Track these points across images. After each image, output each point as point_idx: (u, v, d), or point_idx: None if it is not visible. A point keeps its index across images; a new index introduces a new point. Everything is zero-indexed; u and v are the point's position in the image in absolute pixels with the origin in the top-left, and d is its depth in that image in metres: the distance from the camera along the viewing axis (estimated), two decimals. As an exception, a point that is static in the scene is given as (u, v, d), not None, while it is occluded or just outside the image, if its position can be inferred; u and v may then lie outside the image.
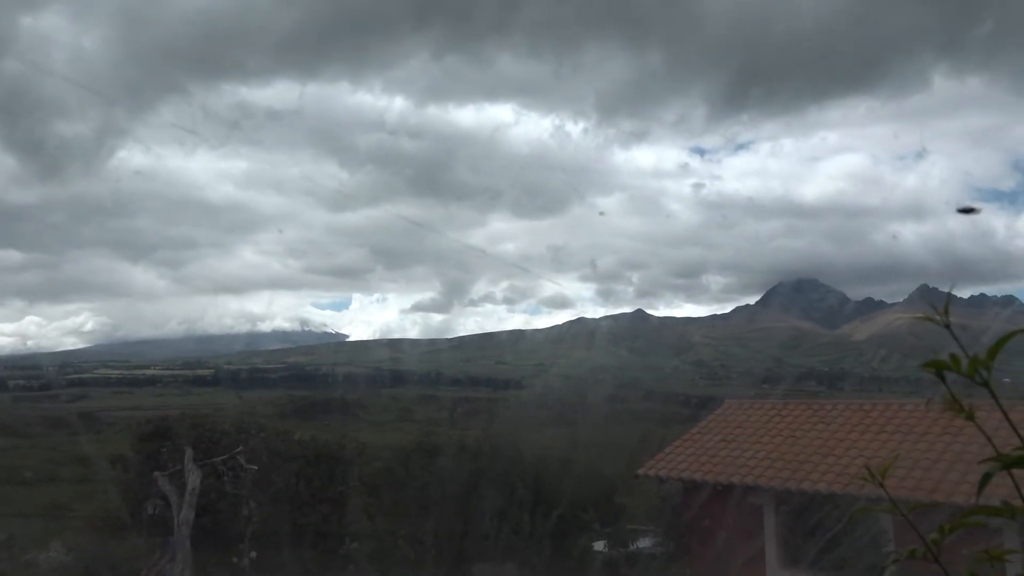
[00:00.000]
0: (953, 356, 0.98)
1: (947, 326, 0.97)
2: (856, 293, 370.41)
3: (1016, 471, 1.01)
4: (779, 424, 15.35)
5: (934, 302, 1.05)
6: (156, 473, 15.91)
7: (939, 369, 0.99)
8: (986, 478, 0.98)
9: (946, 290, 1.00)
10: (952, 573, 1.14)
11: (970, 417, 0.98)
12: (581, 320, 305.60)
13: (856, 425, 14.22)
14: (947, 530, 1.16)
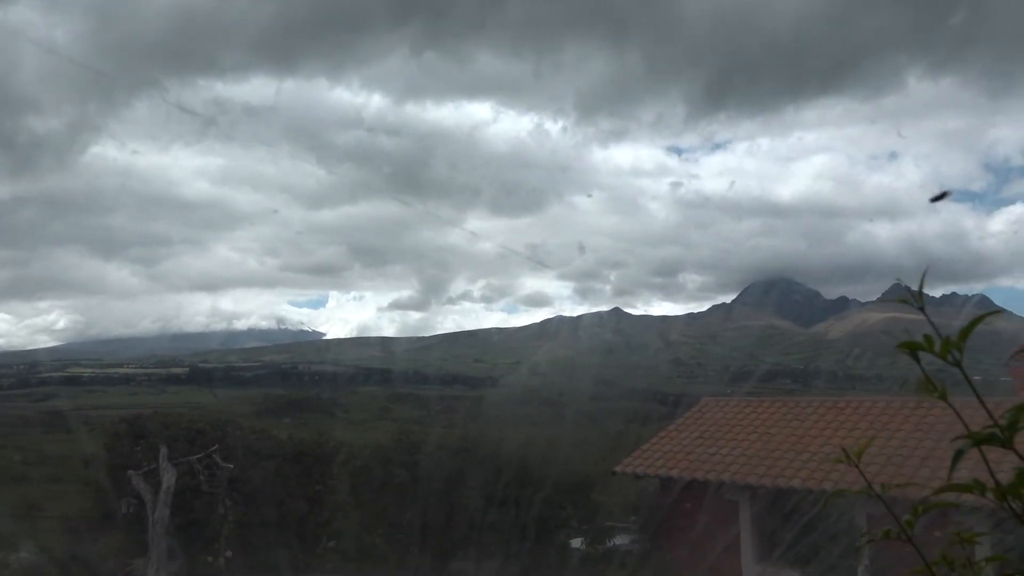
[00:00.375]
0: (927, 337, 1.01)
1: (921, 308, 1.00)
2: (830, 292, 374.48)
3: (988, 452, 1.03)
4: (755, 421, 15.50)
5: (907, 299, 1.07)
6: (130, 472, 15.74)
7: (913, 351, 1.01)
8: (958, 455, 1.01)
9: (920, 304, 1.03)
10: (925, 556, 1.17)
11: (943, 397, 1.01)
12: (559, 318, 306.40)
13: (830, 422, 14.39)
14: (920, 511, 1.19)
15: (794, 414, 15.26)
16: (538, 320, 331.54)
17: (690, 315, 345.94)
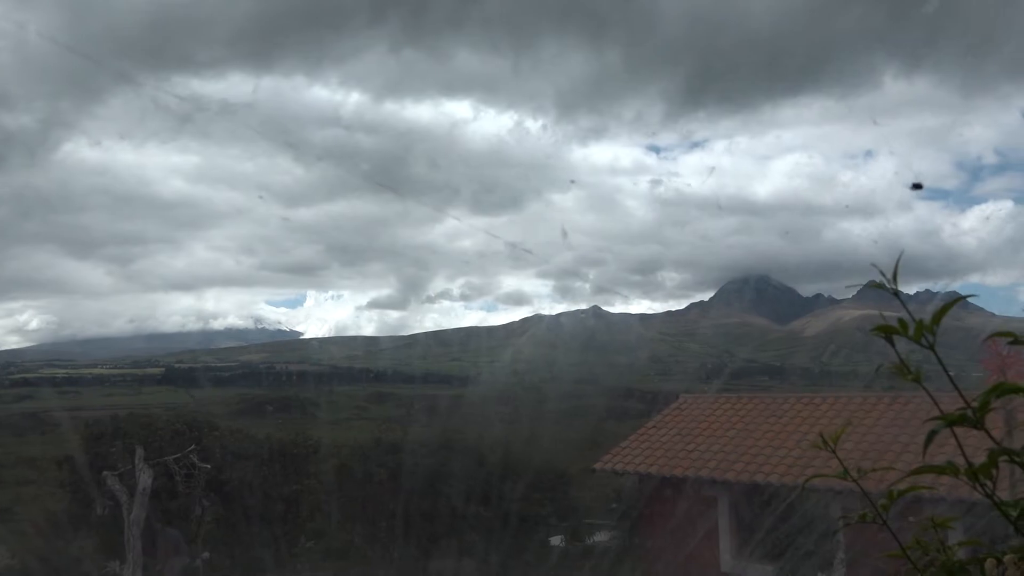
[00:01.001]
0: (900, 320, 1.03)
1: (896, 293, 1.02)
2: (806, 289, 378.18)
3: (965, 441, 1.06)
4: (732, 418, 15.61)
5: (882, 297, 1.09)
6: (105, 472, 15.55)
7: (888, 334, 1.03)
8: (931, 435, 1.03)
9: (894, 287, 1.05)
10: (900, 542, 1.19)
11: (917, 379, 1.03)
12: (538, 317, 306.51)
13: (807, 417, 14.53)
14: (895, 495, 1.21)
15: (771, 410, 15.39)
16: (517, 318, 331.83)
17: (668, 313, 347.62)
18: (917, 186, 1.22)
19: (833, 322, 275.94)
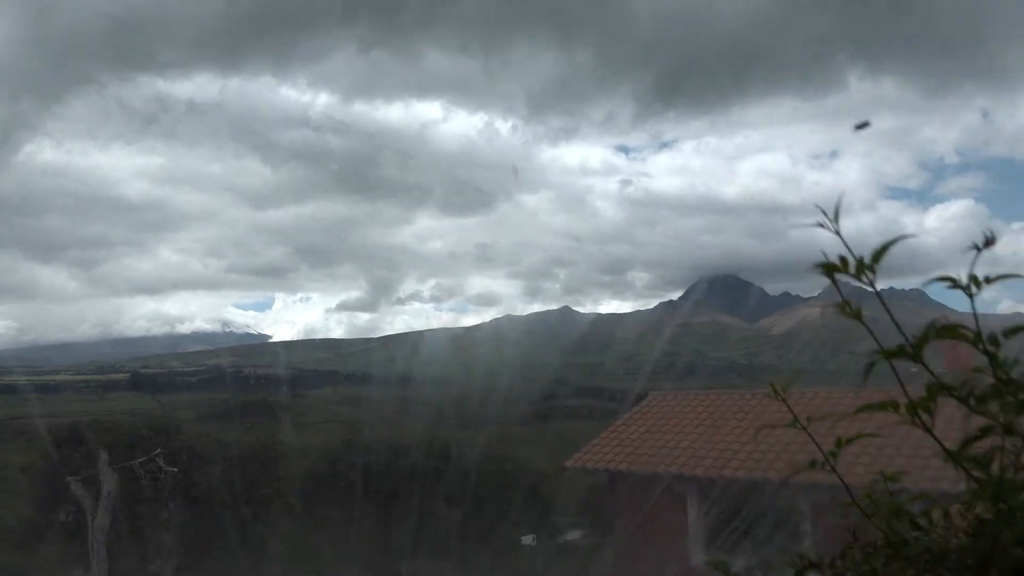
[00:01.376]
0: (842, 258, 1.06)
1: (837, 233, 1.04)
2: (774, 288, 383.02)
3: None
4: (701, 415, 15.76)
5: (847, 295, 1.12)
6: (69, 478, 15.29)
7: (830, 271, 1.06)
8: (870, 366, 1.07)
9: (858, 285, 1.08)
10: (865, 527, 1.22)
11: (857, 317, 1.06)
12: (508, 317, 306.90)
13: (774, 413, 14.70)
14: (843, 441, 1.25)
15: (739, 407, 15.57)
16: (488, 319, 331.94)
17: (637, 312, 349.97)
18: (862, 125, 1.25)
19: (800, 319, 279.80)
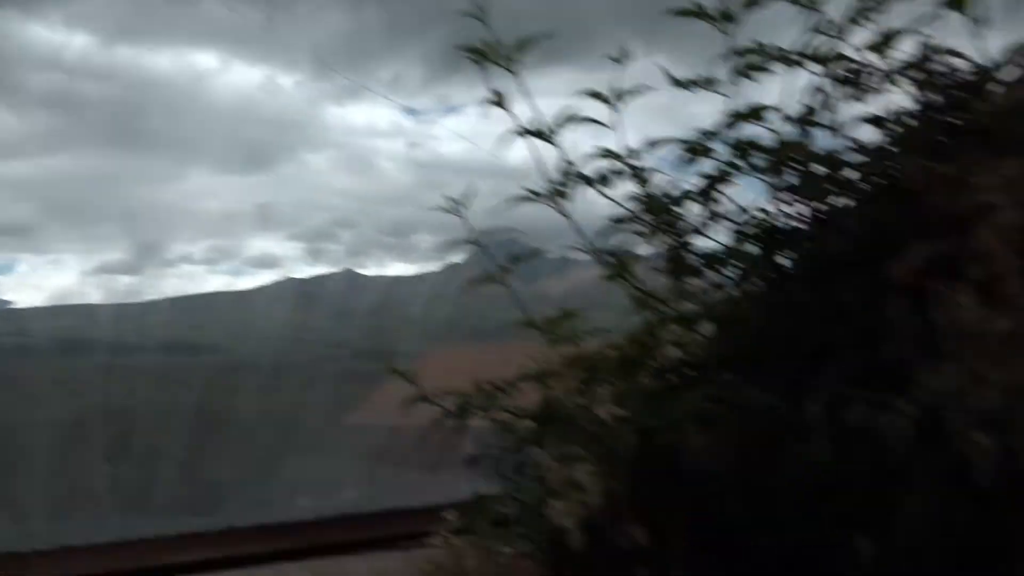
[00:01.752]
0: (490, 44, 1.10)
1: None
2: (554, 251, 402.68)
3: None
4: (471, 369, 16.21)
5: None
6: None
7: (477, 57, 1.07)
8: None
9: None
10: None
11: (500, 105, 1.16)
12: (289, 280, 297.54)
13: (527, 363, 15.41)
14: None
15: (504, 359, 16.18)
16: (267, 282, 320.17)
17: (422, 275, 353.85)
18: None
19: (574, 282, 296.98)
